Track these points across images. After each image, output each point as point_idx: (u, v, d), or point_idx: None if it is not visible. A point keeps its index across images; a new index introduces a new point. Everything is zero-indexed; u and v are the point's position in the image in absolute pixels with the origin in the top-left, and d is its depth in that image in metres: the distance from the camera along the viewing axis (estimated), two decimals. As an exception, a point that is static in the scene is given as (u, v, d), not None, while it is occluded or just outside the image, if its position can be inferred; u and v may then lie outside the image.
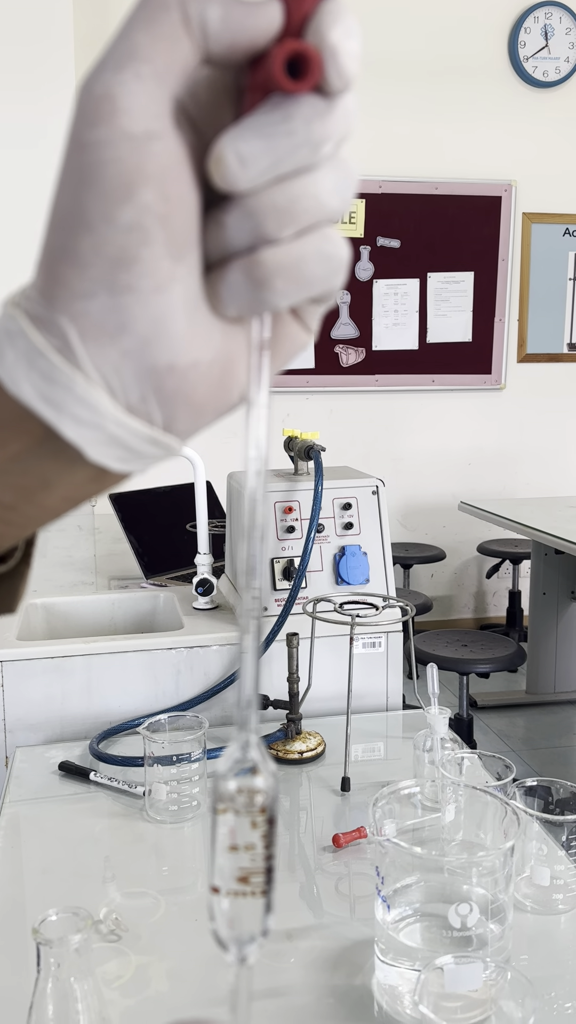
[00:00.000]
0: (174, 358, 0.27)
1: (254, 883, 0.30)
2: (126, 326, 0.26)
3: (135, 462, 0.29)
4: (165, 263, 0.26)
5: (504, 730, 3.28)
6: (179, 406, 0.28)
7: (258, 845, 0.30)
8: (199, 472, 1.52)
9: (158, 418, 0.28)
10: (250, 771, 0.31)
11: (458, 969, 0.66)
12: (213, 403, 0.29)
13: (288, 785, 1.17)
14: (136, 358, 0.27)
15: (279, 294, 0.28)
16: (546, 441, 4.34)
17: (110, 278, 0.26)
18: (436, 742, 1.00)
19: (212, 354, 0.28)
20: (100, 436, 0.27)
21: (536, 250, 4.18)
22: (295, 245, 0.27)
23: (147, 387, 0.27)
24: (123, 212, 0.26)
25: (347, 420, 4.10)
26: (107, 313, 0.26)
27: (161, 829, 1.04)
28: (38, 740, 1.29)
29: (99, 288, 0.26)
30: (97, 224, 0.26)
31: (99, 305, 0.26)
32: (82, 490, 0.31)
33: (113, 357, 0.27)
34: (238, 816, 0.30)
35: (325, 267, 0.28)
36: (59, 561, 2.12)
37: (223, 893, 0.30)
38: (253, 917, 0.30)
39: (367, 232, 3.98)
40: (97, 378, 0.27)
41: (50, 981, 0.60)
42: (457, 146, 4.03)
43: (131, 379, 0.27)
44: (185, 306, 0.27)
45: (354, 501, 1.42)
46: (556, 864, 0.88)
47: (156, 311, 0.27)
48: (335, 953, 0.83)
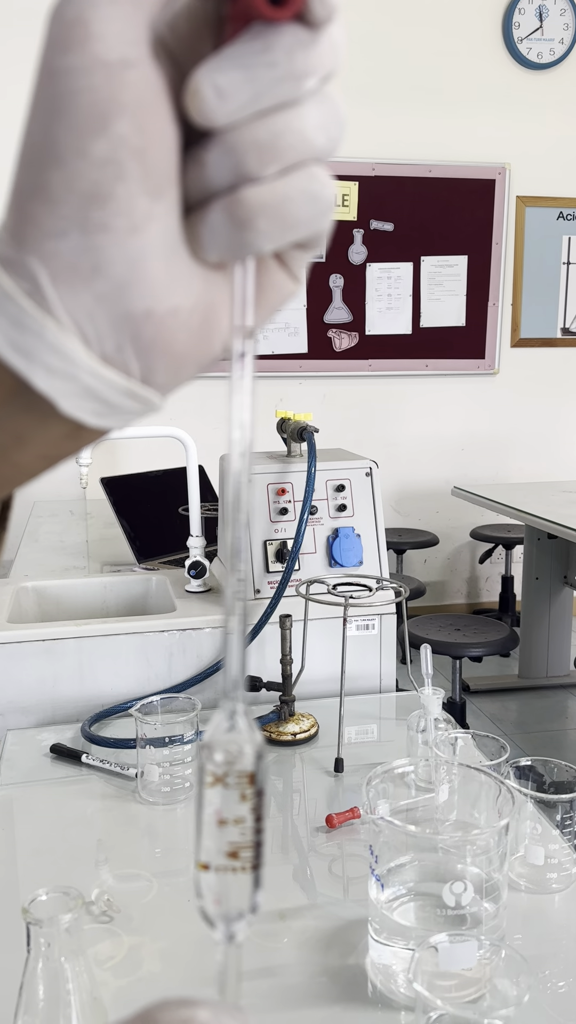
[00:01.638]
0: (152, 304, 0.26)
1: (244, 858, 0.29)
2: (100, 268, 0.25)
3: (112, 417, 0.28)
4: (141, 201, 0.25)
5: (497, 714, 3.29)
6: (157, 356, 0.27)
7: (248, 819, 0.30)
8: (191, 455, 1.51)
9: (135, 369, 0.27)
10: (238, 742, 0.30)
11: (452, 947, 0.65)
12: (194, 354, 0.28)
13: (281, 767, 1.16)
14: (111, 303, 0.25)
15: (262, 235, 0.26)
16: (539, 426, 4.33)
17: (83, 215, 0.24)
18: (429, 722, 0.99)
19: (192, 301, 0.27)
20: (74, 388, 0.26)
21: (530, 234, 4.16)
22: (279, 184, 0.26)
23: (123, 335, 0.26)
24: (96, 144, 0.24)
25: (340, 405, 4.09)
26: (80, 254, 0.25)
27: (153, 811, 1.04)
28: (30, 723, 1.28)
29: (71, 226, 0.24)
30: (69, 157, 0.24)
31: (71, 245, 0.25)
32: (58, 447, 0.29)
33: (87, 302, 0.25)
34: (227, 789, 0.29)
35: (311, 207, 0.26)
36: (51, 546, 2.10)
37: (212, 869, 0.29)
38: (241, 893, 0.30)
39: (360, 215, 3.95)
40: (70, 324, 0.25)
41: (40, 961, 0.59)
42: (451, 129, 4.00)
43: (106, 326, 0.26)
44: (163, 248, 0.26)
45: (347, 483, 1.41)
46: (550, 843, 0.88)
47: (132, 252, 0.25)
48: (328, 933, 0.82)
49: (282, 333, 3.97)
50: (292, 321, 3.97)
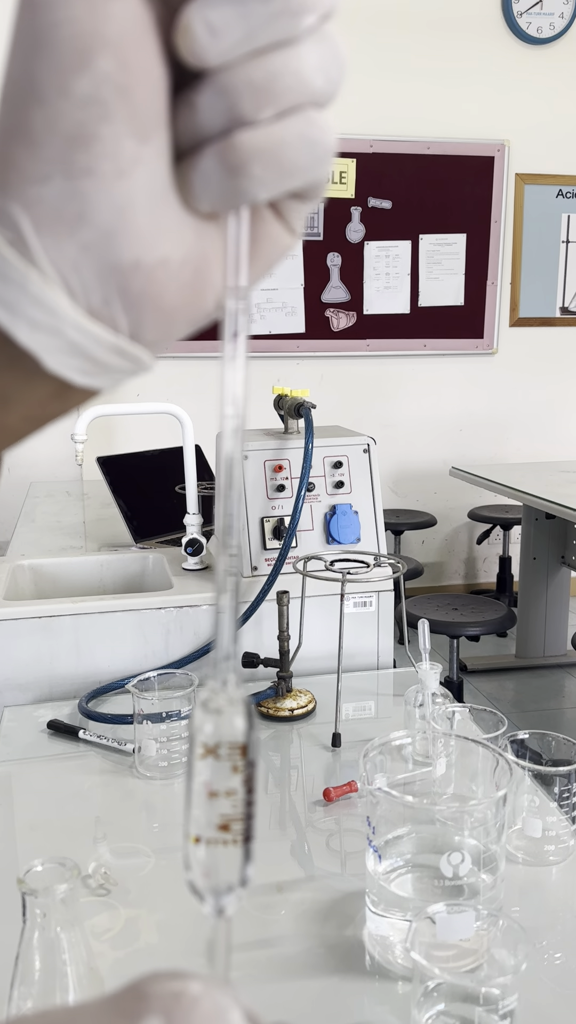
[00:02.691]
0: (140, 254, 0.24)
1: (235, 830, 0.29)
2: (85, 215, 0.24)
3: (100, 376, 0.26)
4: (128, 143, 0.24)
5: (493, 693, 3.30)
6: (146, 310, 0.25)
7: (239, 791, 0.29)
8: (187, 432, 1.50)
9: (123, 324, 0.25)
10: (229, 714, 0.29)
11: (450, 918, 0.65)
12: (185, 309, 0.26)
13: (278, 742, 1.16)
14: (97, 253, 0.24)
15: (257, 182, 0.25)
16: (538, 406, 4.32)
17: (66, 159, 0.23)
18: (427, 697, 0.99)
19: (183, 252, 0.25)
20: (59, 343, 0.25)
21: (529, 212, 4.13)
22: (275, 128, 0.25)
23: (110, 287, 0.25)
24: (79, 82, 0.23)
25: (338, 385, 4.07)
26: (64, 200, 0.23)
27: (151, 785, 1.04)
28: (27, 700, 1.28)
29: (54, 170, 0.23)
30: (50, 96, 0.23)
31: (55, 190, 0.23)
32: (44, 408, 0.28)
33: (71, 251, 0.24)
34: (219, 761, 0.29)
35: (308, 153, 0.25)
36: (48, 526, 2.10)
37: (203, 842, 0.29)
38: (231, 866, 0.29)
39: (358, 193, 3.92)
40: (54, 275, 0.24)
41: (36, 931, 0.59)
42: (449, 105, 3.96)
43: (92, 277, 0.24)
44: (152, 195, 0.24)
45: (345, 459, 1.40)
46: (548, 816, 0.88)
47: (119, 199, 0.24)
48: (326, 905, 0.82)
49: (279, 313, 3.95)
50: (289, 300, 3.95)
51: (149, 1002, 0.25)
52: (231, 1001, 0.26)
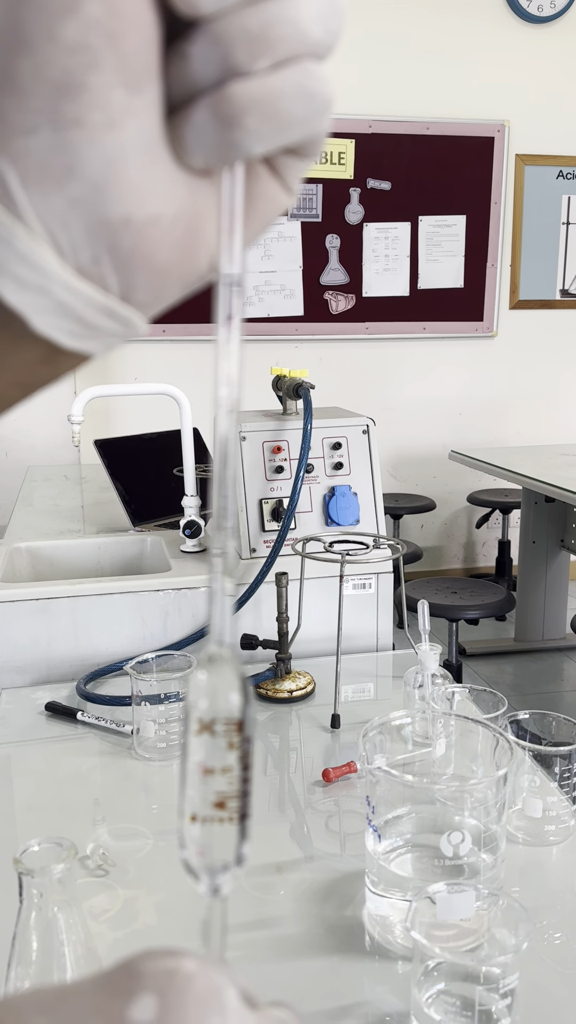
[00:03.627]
0: (130, 209, 0.23)
1: (231, 808, 0.29)
2: (74, 168, 0.23)
3: (90, 339, 0.25)
4: (118, 93, 0.23)
5: (493, 677, 3.30)
6: (137, 269, 0.24)
7: (235, 768, 0.29)
8: (185, 413, 1.49)
9: (113, 283, 0.24)
10: (225, 690, 0.29)
11: (450, 897, 0.65)
12: (177, 268, 0.25)
13: (278, 724, 1.16)
14: (86, 208, 0.23)
15: (252, 135, 0.24)
16: (538, 389, 4.30)
17: (54, 108, 0.22)
18: (427, 678, 0.98)
19: (175, 208, 0.24)
20: (47, 303, 0.24)
21: (529, 193, 4.09)
22: (270, 78, 0.23)
23: (100, 245, 0.24)
24: (66, 27, 0.22)
25: (337, 368, 4.05)
26: (52, 152, 0.22)
27: (149, 767, 1.03)
28: (25, 682, 1.27)
29: (42, 121, 0.22)
30: (37, 42, 0.22)
31: (42, 142, 0.22)
32: (33, 373, 0.27)
33: (60, 206, 0.23)
34: (215, 738, 0.28)
35: (306, 105, 0.24)
36: (45, 510, 2.08)
37: (198, 820, 0.28)
38: (226, 844, 0.29)
39: (357, 174, 3.88)
40: (42, 231, 0.23)
41: (33, 912, 0.58)
42: (449, 84, 3.92)
43: (81, 234, 0.23)
44: (143, 148, 0.23)
45: (344, 441, 1.39)
46: (548, 796, 0.88)
47: (109, 151, 0.23)
48: (325, 885, 0.82)
49: (278, 295, 3.92)
50: (288, 283, 3.92)
51: (142, 980, 0.24)
52: (226, 980, 0.26)
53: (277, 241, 3.88)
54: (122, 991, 0.24)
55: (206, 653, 0.29)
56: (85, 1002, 0.24)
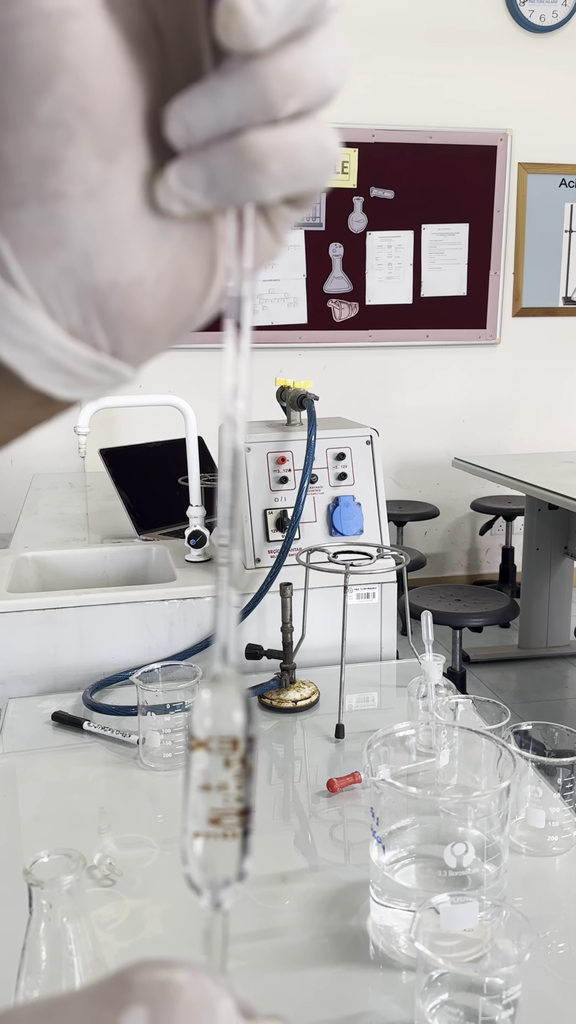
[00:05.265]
0: (116, 274, 0.25)
1: (226, 824, 0.29)
2: (62, 238, 0.24)
3: (82, 389, 0.27)
4: (95, 165, 0.24)
5: (496, 684, 3.30)
6: (125, 328, 0.26)
7: (230, 785, 0.29)
8: (190, 424, 1.50)
9: (103, 341, 0.26)
10: (224, 707, 0.29)
11: (453, 908, 0.66)
12: (163, 325, 0.27)
13: (282, 733, 1.17)
14: (75, 275, 0.25)
15: (272, 179, 0.25)
16: (541, 396, 4.31)
17: (37, 183, 0.24)
18: (430, 688, 0.99)
19: (159, 269, 0.26)
20: (40, 360, 0.25)
21: (532, 201, 4.11)
22: (290, 129, 0.25)
23: (89, 308, 0.25)
24: (42, 105, 0.23)
25: (340, 376, 4.06)
26: (40, 224, 0.24)
27: (155, 776, 1.04)
28: (31, 692, 1.28)
29: (28, 195, 0.24)
30: (18, 120, 0.23)
31: (31, 215, 0.24)
32: (28, 416, 0.28)
33: (50, 274, 0.24)
34: (211, 754, 0.29)
35: (320, 158, 0.25)
36: (50, 518, 2.10)
37: (198, 836, 0.29)
38: (227, 860, 0.29)
39: (360, 183, 3.90)
40: (34, 297, 0.25)
41: (43, 922, 0.59)
42: (452, 94, 3.94)
43: (71, 298, 0.25)
44: (123, 215, 0.25)
45: (348, 451, 1.40)
46: (551, 807, 0.88)
47: (92, 220, 0.24)
48: (330, 895, 0.83)
49: (281, 304, 3.94)
50: (291, 291, 3.94)
51: (134, 991, 0.25)
52: (221, 991, 0.26)
53: (281, 250, 3.89)
54: (114, 1002, 0.25)
55: (210, 671, 0.30)
56: (80, 1012, 0.25)
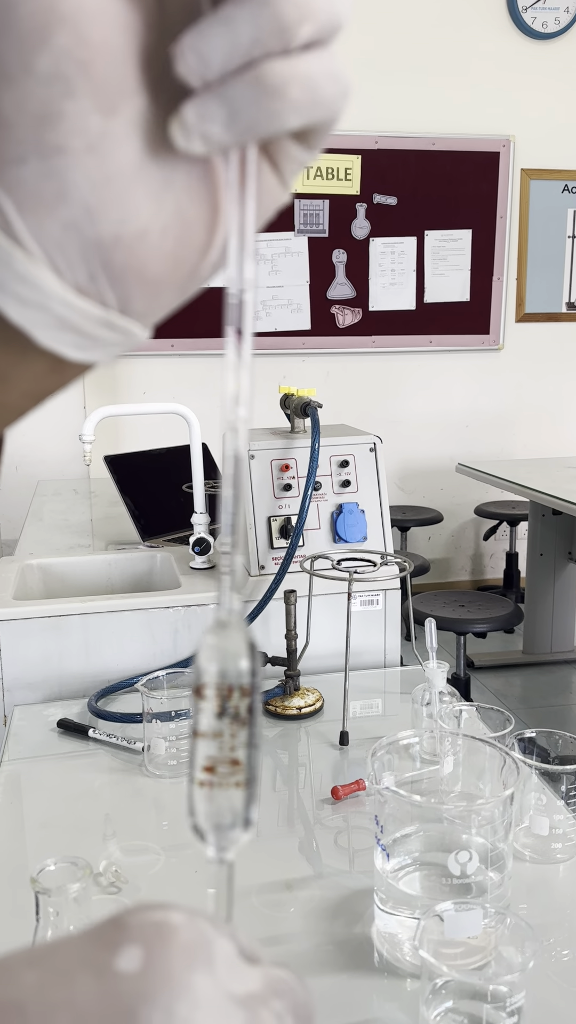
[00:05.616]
0: (119, 228, 0.25)
1: (220, 773, 0.29)
2: (64, 193, 0.24)
3: (94, 350, 0.27)
4: (95, 118, 0.24)
5: (501, 689, 3.30)
6: (132, 283, 0.26)
7: (225, 733, 0.29)
8: (194, 431, 1.51)
9: (111, 297, 0.26)
10: (222, 656, 0.29)
11: (458, 916, 0.66)
12: (170, 278, 0.27)
13: (286, 740, 1.17)
14: (79, 230, 0.25)
15: (292, 106, 0.25)
16: (544, 402, 4.31)
17: (38, 138, 0.24)
18: (434, 695, 0.99)
19: (162, 222, 0.26)
20: (48, 319, 0.25)
21: (535, 207, 4.12)
22: (305, 58, 0.25)
23: (94, 263, 0.25)
24: (40, 59, 0.23)
25: (344, 382, 4.07)
26: (42, 179, 0.24)
27: (160, 783, 1.04)
28: (36, 699, 1.29)
29: (29, 151, 0.24)
30: (17, 75, 0.23)
31: (32, 171, 0.24)
32: (41, 383, 0.29)
33: (54, 230, 0.24)
34: (204, 701, 0.29)
35: (335, 86, 0.25)
36: (55, 525, 2.10)
37: (201, 784, 0.29)
38: (225, 807, 0.29)
39: (363, 189, 3.91)
40: (39, 254, 0.25)
41: (49, 930, 0.60)
42: (455, 100, 3.95)
43: (76, 255, 0.25)
44: (125, 168, 0.25)
45: (351, 458, 1.40)
46: (555, 814, 0.88)
47: (93, 174, 0.24)
48: (334, 903, 0.83)
49: (285, 310, 3.95)
50: (295, 297, 3.95)
51: (129, 932, 0.25)
52: (218, 934, 0.26)
53: (284, 256, 3.90)
54: (109, 943, 0.24)
55: (215, 619, 0.30)
56: (74, 954, 0.24)
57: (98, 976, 0.24)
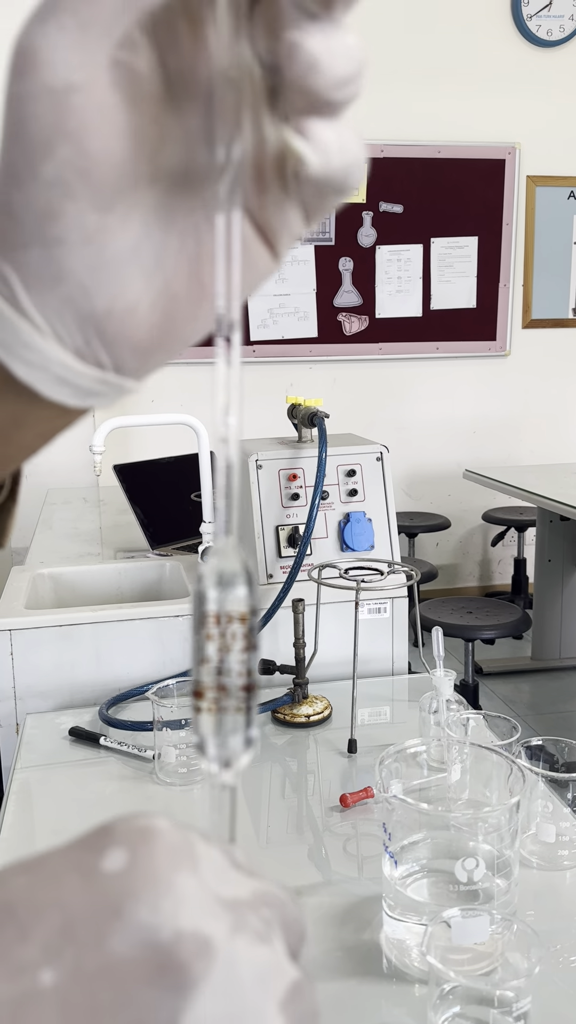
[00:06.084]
0: (111, 303, 0.28)
1: (208, 699, 0.30)
2: (61, 275, 0.28)
3: (92, 399, 0.30)
4: (91, 216, 0.27)
5: (509, 696, 3.30)
6: (123, 349, 0.29)
7: (213, 659, 0.30)
8: (203, 441, 1.52)
9: (106, 361, 0.29)
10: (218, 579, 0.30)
11: (465, 922, 0.67)
12: (158, 345, 0.30)
13: (295, 748, 1.18)
14: (75, 305, 0.28)
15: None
16: (551, 408, 4.31)
17: (40, 231, 0.27)
18: (441, 703, 1.00)
19: (151, 298, 0.29)
20: (51, 377, 0.29)
21: (540, 214, 4.13)
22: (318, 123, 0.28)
23: (89, 332, 0.29)
24: (45, 167, 0.26)
25: (351, 389, 4.08)
26: (43, 264, 0.28)
27: (171, 791, 1.06)
28: (48, 707, 1.30)
29: (32, 240, 0.27)
30: (25, 179, 0.27)
31: (35, 256, 0.27)
32: (51, 425, 0.32)
33: (54, 304, 0.28)
34: (204, 628, 0.30)
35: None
36: (65, 533, 2.12)
37: (199, 710, 0.30)
38: (234, 730, 0.30)
39: (369, 197, 3.93)
40: (43, 324, 0.28)
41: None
42: (459, 108, 3.97)
43: (73, 325, 0.28)
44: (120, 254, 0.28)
45: (358, 468, 1.42)
46: (562, 821, 0.89)
47: (89, 261, 0.28)
48: (343, 909, 0.84)
49: (292, 317, 3.97)
50: (302, 305, 3.97)
51: (114, 836, 0.26)
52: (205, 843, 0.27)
53: (291, 265, 3.93)
54: (95, 847, 0.25)
55: (212, 547, 0.31)
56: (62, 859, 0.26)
57: (84, 877, 0.25)
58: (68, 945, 0.23)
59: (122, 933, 0.23)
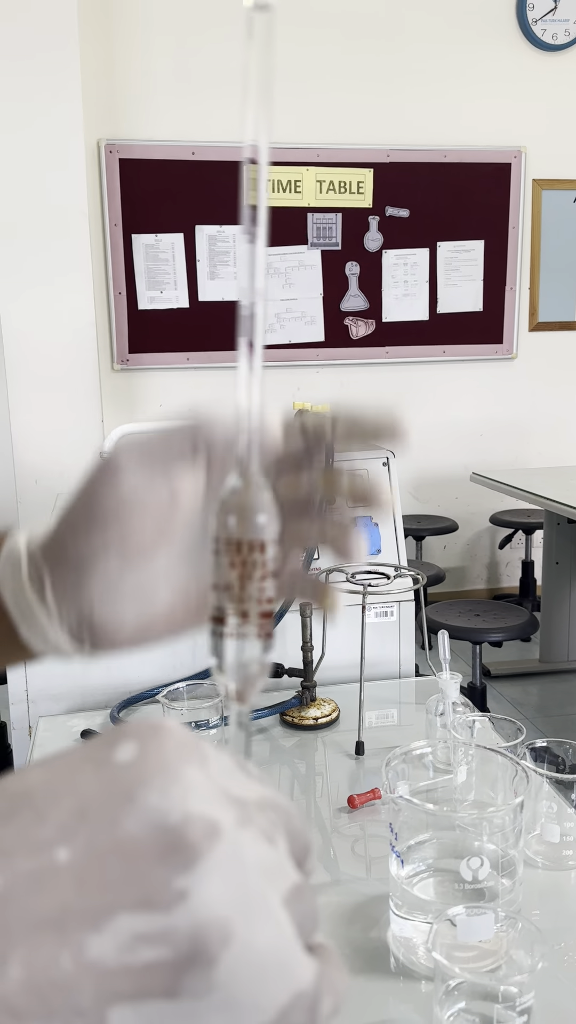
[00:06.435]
0: (107, 618, 0.41)
1: (231, 624, 0.32)
2: (79, 593, 0.40)
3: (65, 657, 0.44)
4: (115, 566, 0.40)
5: (517, 698, 3.31)
6: (103, 644, 0.42)
7: (235, 585, 0.32)
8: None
9: (88, 646, 0.42)
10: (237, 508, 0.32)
11: (470, 920, 0.68)
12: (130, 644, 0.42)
13: (303, 750, 1.20)
14: (81, 612, 0.41)
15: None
16: (558, 410, 4.32)
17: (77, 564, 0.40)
18: (448, 706, 1.02)
19: (139, 620, 0.41)
20: (44, 642, 0.42)
21: (547, 217, 4.14)
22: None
23: (84, 629, 0.41)
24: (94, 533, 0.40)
25: (358, 392, 4.10)
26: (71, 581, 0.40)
27: (181, 793, 1.07)
28: (60, 710, 1.32)
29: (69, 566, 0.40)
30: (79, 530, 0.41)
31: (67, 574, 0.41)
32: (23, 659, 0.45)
33: (67, 606, 0.41)
34: (218, 556, 0.32)
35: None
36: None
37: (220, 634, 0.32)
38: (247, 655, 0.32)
39: (375, 202, 3.95)
40: (55, 613, 0.41)
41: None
42: (465, 113, 3.98)
43: (74, 620, 0.41)
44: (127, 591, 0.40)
45: (365, 473, 1.43)
46: (566, 821, 0.91)
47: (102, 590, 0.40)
48: (351, 908, 0.86)
49: (299, 322, 3.99)
50: (308, 310, 3.99)
51: (126, 731, 0.27)
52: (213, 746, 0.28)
53: (298, 270, 3.95)
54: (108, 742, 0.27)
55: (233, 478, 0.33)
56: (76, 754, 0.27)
57: (98, 767, 0.26)
58: (82, 826, 0.24)
59: (133, 816, 0.25)
